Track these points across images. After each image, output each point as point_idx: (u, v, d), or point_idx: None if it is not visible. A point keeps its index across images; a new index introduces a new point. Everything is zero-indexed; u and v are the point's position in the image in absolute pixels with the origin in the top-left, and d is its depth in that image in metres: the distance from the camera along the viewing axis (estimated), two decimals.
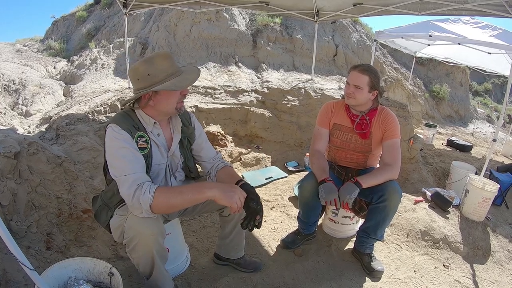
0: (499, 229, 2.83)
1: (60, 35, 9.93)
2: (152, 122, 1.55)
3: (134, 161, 1.41)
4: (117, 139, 1.41)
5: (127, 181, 1.35)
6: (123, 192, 1.36)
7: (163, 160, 1.63)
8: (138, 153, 1.45)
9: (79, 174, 2.54)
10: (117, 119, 1.49)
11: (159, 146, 1.59)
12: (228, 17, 6.70)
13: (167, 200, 1.36)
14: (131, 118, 1.51)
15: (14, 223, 1.90)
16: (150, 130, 1.55)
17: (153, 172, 1.59)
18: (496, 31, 4.21)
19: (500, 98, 15.30)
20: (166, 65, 1.47)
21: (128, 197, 1.34)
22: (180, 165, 1.73)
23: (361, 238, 2.22)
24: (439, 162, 4.82)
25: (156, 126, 1.58)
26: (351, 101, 2.12)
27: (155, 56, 1.48)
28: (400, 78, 8.02)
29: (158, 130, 1.59)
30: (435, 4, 3.69)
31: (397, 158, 2.05)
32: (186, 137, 1.72)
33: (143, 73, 1.45)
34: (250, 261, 2.12)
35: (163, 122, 1.62)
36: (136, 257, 1.48)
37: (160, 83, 1.44)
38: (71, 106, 4.24)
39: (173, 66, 1.50)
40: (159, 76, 1.45)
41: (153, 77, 1.44)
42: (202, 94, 4.86)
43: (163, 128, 1.62)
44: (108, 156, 1.45)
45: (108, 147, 1.44)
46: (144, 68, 1.45)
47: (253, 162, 4.01)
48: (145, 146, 1.51)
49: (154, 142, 1.57)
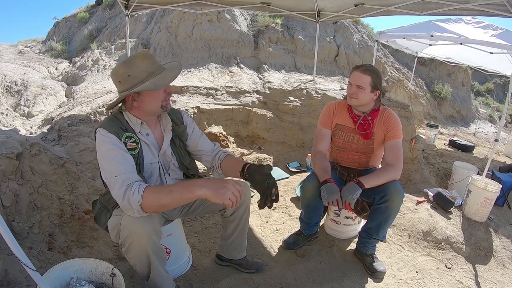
0: (501, 230, 2.82)
1: (62, 36, 9.97)
2: (139, 122, 1.55)
3: (123, 162, 1.40)
4: (104, 142, 1.42)
5: (117, 182, 1.35)
6: (115, 194, 1.36)
7: (155, 159, 1.62)
8: (127, 154, 1.45)
9: (81, 175, 2.54)
10: (104, 123, 1.49)
11: (149, 146, 1.58)
12: (230, 18, 6.71)
13: (157, 200, 1.34)
14: (118, 121, 1.52)
15: (16, 224, 1.90)
16: (138, 130, 1.55)
17: (146, 171, 1.59)
18: (498, 31, 4.20)
19: (502, 98, 15.26)
20: (146, 65, 1.47)
21: (119, 198, 1.34)
22: (174, 163, 1.72)
23: (363, 238, 2.22)
24: (441, 162, 4.80)
25: (144, 126, 1.57)
26: (354, 102, 2.12)
27: (134, 57, 1.48)
28: (401, 79, 8.01)
29: (146, 130, 1.59)
30: (436, 4, 3.68)
31: (399, 159, 2.05)
32: (177, 135, 1.71)
33: (123, 75, 1.45)
34: (252, 262, 2.11)
35: (152, 121, 1.62)
36: (131, 257, 1.48)
37: (140, 83, 1.44)
38: (73, 107, 4.25)
39: (154, 65, 1.49)
40: (139, 76, 1.45)
41: (133, 78, 1.45)
42: (204, 95, 4.86)
43: (152, 128, 1.62)
44: (98, 159, 1.45)
45: (98, 151, 1.45)
46: (124, 70, 1.45)
47: (254, 162, 4.01)
48: (134, 147, 1.51)
49: (144, 142, 1.57)
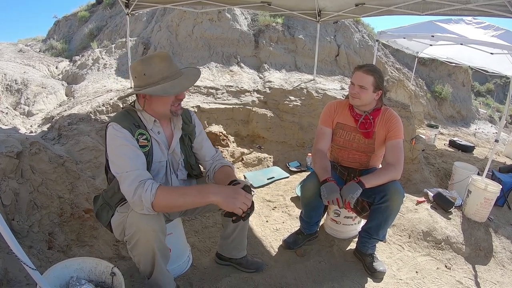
0: (501, 230, 2.82)
1: (62, 35, 9.97)
2: (152, 120, 1.56)
3: (135, 158, 1.41)
4: (117, 137, 1.42)
5: (129, 178, 1.36)
6: (124, 189, 1.36)
7: (164, 157, 1.63)
8: (139, 150, 1.46)
9: (81, 174, 2.54)
10: (118, 118, 1.50)
11: (159, 144, 1.59)
12: (230, 17, 6.70)
13: (170, 200, 1.37)
14: (131, 116, 1.53)
15: (16, 223, 1.90)
16: (151, 127, 1.56)
17: (153, 169, 1.59)
18: (499, 31, 4.19)
19: (502, 99, 15.26)
20: (163, 67, 1.47)
21: (129, 193, 1.34)
22: (181, 162, 1.73)
23: (363, 238, 2.22)
24: (441, 162, 4.80)
25: (156, 124, 1.59)
26: (356, 101, 2.12)
27: (153, 56, 1.48)
28: (402, 79, 8.00)
29: (158, 128, 1.60)
30: (437, 4, 3.68)
31: (400, 159, 2.05)
32: (186, 134, 1.73)
33: (140, 72, 1.46)
34: (252, 261, 2.11)
35: (164, 120, 1.63)
36: (137, 254, 1.48)
37: (153, 85, 1.45)
38: (73, 106, 4.25)
39: (170, 69, 1.49)
40: (154, 77, 1.45)
41: (148, 78, 1.45)
42: (204, 94, 4.86)
43: (164, 126, 1.63)
44: (109, 153, 1.46)
45: (109, 145, 1.45)
46: (141, 67, 1.46)
47: (255, 162, 4.01)
48: (145, 144, 1.52)
49: (155, 140, 1.57)
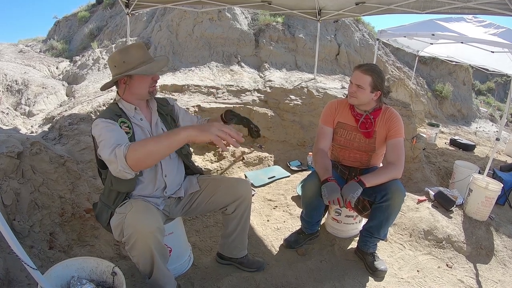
0: (503, 229, 2.82)
1: (62, 35, 9.98)
2: (133, 108, 1.67)
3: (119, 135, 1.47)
4: (102, 121, 1.51)
5: (109, 143, 1.38)
6: (104, 152, 1.37)
7: None
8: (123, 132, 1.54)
9: (82, 174, 2.54)
10: (100, 114, 1.63)
11: (142, 128, 1.68)
12: (230, 17, 6.70)
13: (142, 148, 1.33)
14: (112, 109, 1.64)
15: (17, 223, 1.90)
16: (133, 115, 1.66)
17: None
18: (499, 29, 4.17)
19: (503, 97, 15.25)
20: (140, 54, 1.64)
21: (106, 153, 1.35)
22: None
23: (364, 237, 2.21)
24: (442, 161, 4.79)
25: (137, 111, 1.69)
26: (353, 101, 2.12)
27: (130, 46, 1.66)
28: (402, 77, 7.99)
29: (140, 115, 1.70)
30: (437, 3, 3.67)
31: (401, 157, 2.04)
32: (168, 114, 1.85)
33: (119, 60, 1.61)
34: (253, 261, 2.11)
35: (143, 107, 1.74)
36: (135, 255, 1.50)
37: (133, 69, 1.60)
38: (74, 106, 4.25)
39: (146, 55, 1.66)
40: (133, 63, 1.61)
41: (127, 64, 1.60)
42: (204, 94, 4.86)
43: (144, 113, 1.73)
44: (97, 137, 1.48)
45: (97, 135, 1.48)
46: (120, 56, 1.62)
47: (255, 161, 4.01)
48: (127, 131, 1.60)
49: (137, 125, 1.67)
